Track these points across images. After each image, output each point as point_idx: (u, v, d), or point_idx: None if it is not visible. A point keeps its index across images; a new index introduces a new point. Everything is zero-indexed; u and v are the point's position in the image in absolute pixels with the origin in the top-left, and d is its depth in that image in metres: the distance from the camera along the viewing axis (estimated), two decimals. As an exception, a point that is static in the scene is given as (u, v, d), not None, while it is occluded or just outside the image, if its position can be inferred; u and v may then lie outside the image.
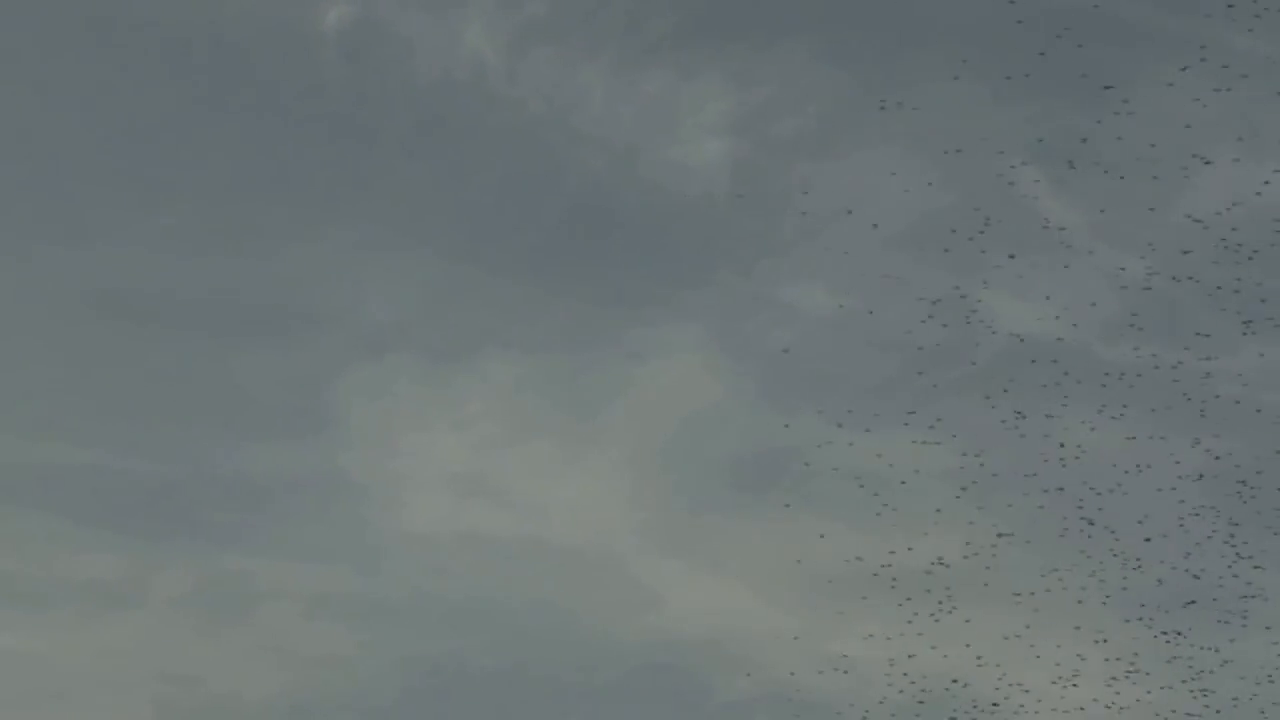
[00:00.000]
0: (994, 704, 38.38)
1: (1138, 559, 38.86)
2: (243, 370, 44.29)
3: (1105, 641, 38.49)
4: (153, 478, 42.44)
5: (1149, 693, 37.36)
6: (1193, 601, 38.13)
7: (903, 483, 41.20)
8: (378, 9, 46.45)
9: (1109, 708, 37.49)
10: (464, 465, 43.43)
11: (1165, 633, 37.95)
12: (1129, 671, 37.88)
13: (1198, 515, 38.88)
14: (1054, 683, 38.11)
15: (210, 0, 46.25)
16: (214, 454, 43.01)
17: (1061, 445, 40.56)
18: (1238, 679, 37.29)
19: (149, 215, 45.24)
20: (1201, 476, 39.06)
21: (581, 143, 46.01)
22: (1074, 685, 37.82)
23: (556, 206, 45.89)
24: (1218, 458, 38.91)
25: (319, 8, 46.22)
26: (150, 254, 44.78)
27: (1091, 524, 39.62)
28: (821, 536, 41.12)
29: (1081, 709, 37.49)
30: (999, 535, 39.45)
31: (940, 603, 39.67)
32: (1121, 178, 41.52)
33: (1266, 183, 39.98)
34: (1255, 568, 38.34)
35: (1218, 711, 37.15)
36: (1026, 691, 38.10)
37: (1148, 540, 38.88)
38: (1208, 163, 41.15)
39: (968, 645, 38.48)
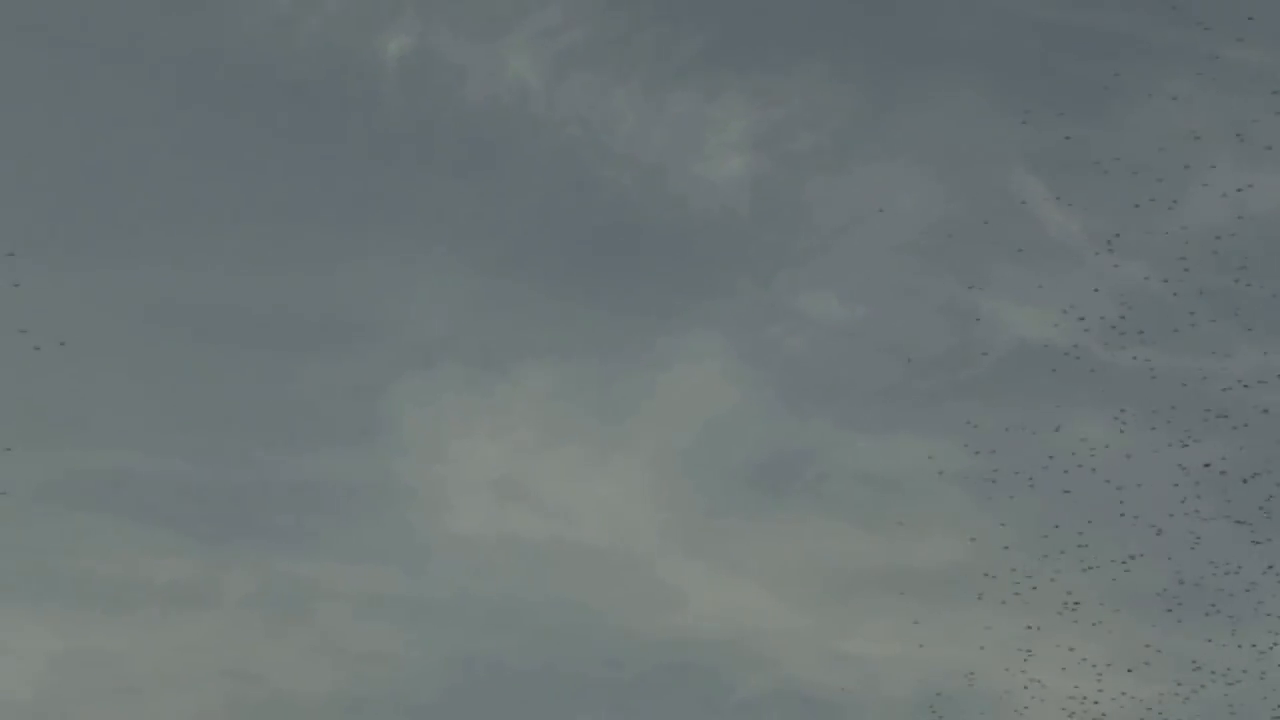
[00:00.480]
0: (1007, 703, 38.69)
1: (1144, 559, 38.91)
2: (302, 381, 45.44)
3: (1115, 641, 38.56)
4: (220, 484, 43.68)
5: (1160, 692, 37.58)
6: (1199, 602, 38.29)
7: (912, 484, 42.68)
8: (433, 40, 47.81)
9: (1121, 706, 37.62)
10: (503, 470, 44.52)
11: (1168, 627, 38.06)
12: (1131, 664, 38.09)
13: (1203, 517, 38.93)
14: (1065, 682, 38.26)
15: (280, 34, 47.83)
16: (276, 461, 44.22)
17: (1067, 447, 40.61)
18: (1247, 677, 37.42)
19: (215, 235, 46.75)
20: (1206, 479, 38.86)
21: (614, 162, 47.21)
22: (1085, 684, 38.02)
23: (590, 223, 47.17)
24: (1223, 459, 38.69)
25: (381, 38, 47.78)
26: (216, 271, 46.30)
27: (1098, 525, 39.77)
28: (834, 538, 42.56)
29: (1096, 704, 37.68)
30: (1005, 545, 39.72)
31: (949, 600, 40.50)
32: (1122, 185, 41.66)
33: (1251, 187, 40.29)
34: (1264, 568, 38.17)
35: (1232, 709, 37.51)
36: (1039, 690, 38.33)
37: (1155, 540, 38.96)
38: (1208, 169, 41.27)
39: (981, 645, 38.94)
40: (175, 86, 47.53)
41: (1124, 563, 39.09)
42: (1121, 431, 39.80)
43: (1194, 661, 37.69)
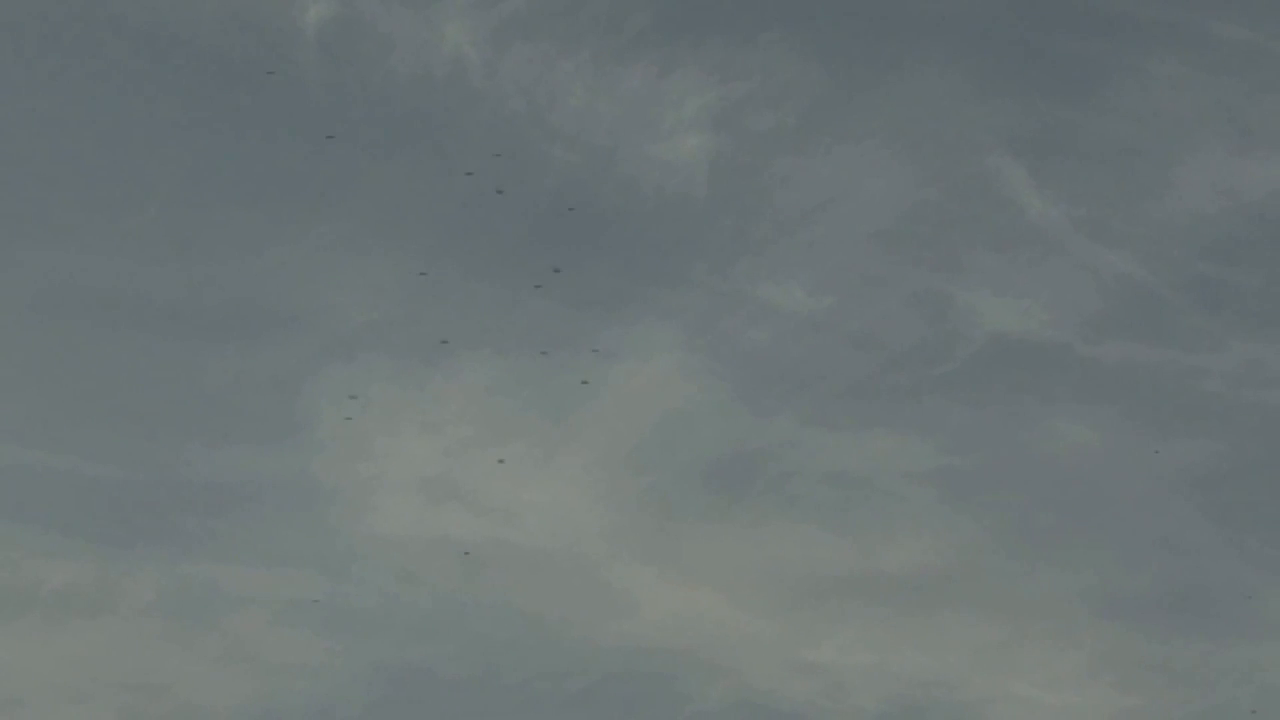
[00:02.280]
0: (982, 714, 38.42)
1: (1119, 558, 39.36)
2: (212, 373, 44.18)
3: (1088, 644, 38.90)
4: (119, 483, 42.31)
5: (1141, 701, 37.66)
6: (1183, 607, 38.67)
7: (881, 485, 41.93)
8: (357, 6, 46.98)
9: (1093, 712, 37.73)
10: (435, 468, 43.38)
11: (1149, 634, 38.48)
12: (1111, 674, 38.21)
13: (1188, 520, 39.48)
14: (1042, 691, 38.30)
15: (188, -1, 46.51)
16: (182, 458, 42.87)
17: (1046, 446, 41.37)
18: (1228, 680, 37.83)
19: (118, 215, 45.30)
20: (1183, 474, 39.72)
21: (559, 140, 46.59)
22: (1064, 693, 38.03)
23: (533, 205, 46.10)
24: (1210, 459, 39.84)
25: (299, 4, 46.88)
26: (119, 255, 44.87)
27: (1078, 528, 40.13)
28: (798, 541, 41.47)
29: (1065, 713, 37.86)
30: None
31: (920, 607, 40.12)
32: (1105, 170, 43.14)
33: (1241, 173, 41.57)
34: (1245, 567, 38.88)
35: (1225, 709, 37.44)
36: (1008, 697, 38.25)
37: (1137, 543, 39.47)
38: (1196, 154, 42.79)
39: (954, 654, 39.06)
40: (70, 55, 46.47)
41: (1104, 567, 39.50)
42: (1103, 430, 40.69)
43: (1176, 669, 38.01)
